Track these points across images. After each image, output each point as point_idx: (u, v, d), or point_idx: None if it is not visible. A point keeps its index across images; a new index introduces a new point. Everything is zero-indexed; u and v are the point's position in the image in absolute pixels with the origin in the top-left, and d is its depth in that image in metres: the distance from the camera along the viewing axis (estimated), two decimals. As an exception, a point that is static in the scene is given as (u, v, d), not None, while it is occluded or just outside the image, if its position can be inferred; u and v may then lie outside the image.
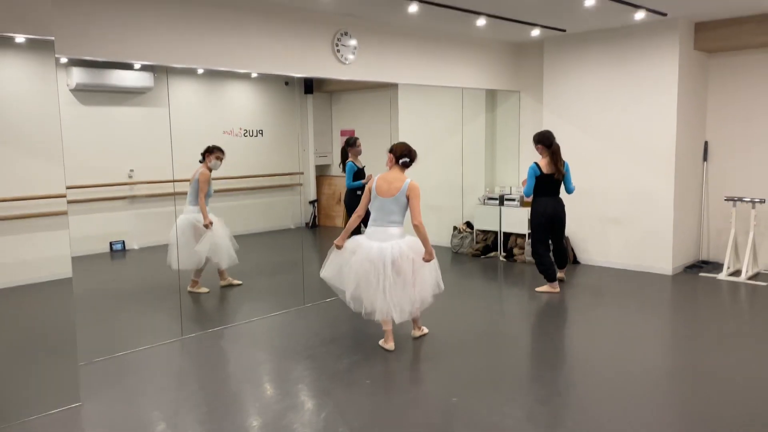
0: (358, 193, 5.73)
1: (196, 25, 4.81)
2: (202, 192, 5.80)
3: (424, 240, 4.33)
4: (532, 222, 6.11)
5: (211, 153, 5.90)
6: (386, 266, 4.29)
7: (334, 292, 6.03)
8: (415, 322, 4.76)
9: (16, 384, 3.96)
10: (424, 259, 4.35)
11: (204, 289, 6.07)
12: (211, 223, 5.82)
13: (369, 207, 4.54)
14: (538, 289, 6.16)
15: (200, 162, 5.93)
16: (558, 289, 6.08)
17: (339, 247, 4.50)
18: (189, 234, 5.83)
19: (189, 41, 4.78)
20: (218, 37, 4.96)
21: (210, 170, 5.90)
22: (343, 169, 6.61)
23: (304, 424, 3.38)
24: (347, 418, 3.47)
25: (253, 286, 6.46)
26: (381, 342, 4.59)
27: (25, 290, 5.26)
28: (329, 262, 4.56)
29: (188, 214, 5.90)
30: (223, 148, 5.98)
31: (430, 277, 4.50)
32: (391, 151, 4.53)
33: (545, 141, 5.92)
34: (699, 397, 3.72)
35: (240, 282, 6.30)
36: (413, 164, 4.57)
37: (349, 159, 6.50)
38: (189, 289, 6.04)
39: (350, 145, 6.53)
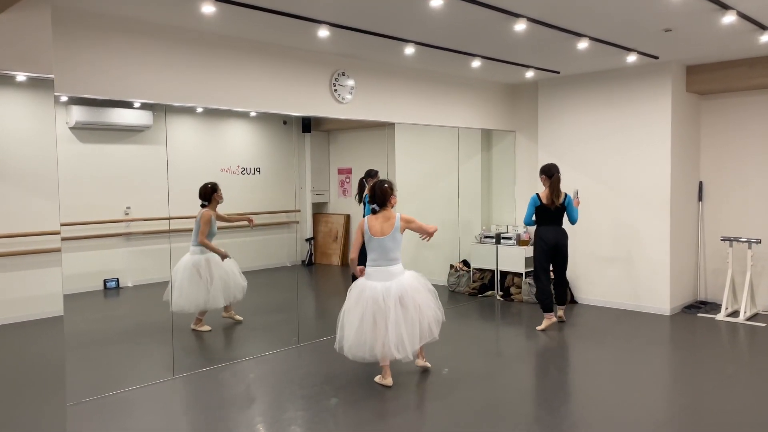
0: None
1: (194, 65, 4.88)
2: (203, 234, 5.77)
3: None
4: (534, 250, 6.30)
5: (216, 191, 5.88)
6: (395, 304, 4.35)
7: (329, 332, 5.98)
8: (420, 350, 4.77)
9: (2, 424, 3.86)
10: (428, 231, 4.56)
11: (206, 327, 5.99)
12: (227, 255, 5.80)
13: (366, 248, 4.55)
14: (538, 327, 6.15)
15: (202, 206, 5.87)
16: (554, 319, 6.16)
17: (361, 272, 4.59)
18: (191, 273, 5.77)
19: (188, 80, 4.84)
20: (217, 76, 5.02)
21: (214, 210, 5.89)
22: (359, 201, 6.57)
23: (296, 468, 3.29)
24: (340, 461, 3.38)
25: (247, 324, 6.39)
26: (378, 378, 4.54)
27: (17, 328, 5.19)
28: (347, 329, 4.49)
29: (192, 254, 5.86)
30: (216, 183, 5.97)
31: (431, 310, 4.55)
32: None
33: (547, 172, 6.20)
34: (700, 440, 3.65)
35: (241, 318, 6.23)
36: (394, 194, 4.64)
37: (367, 193, 6.47)
38: (192, 326, 5.96)
39: (371, 177, 6.48)
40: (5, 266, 5.41)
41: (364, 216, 6.40)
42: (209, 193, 5.85)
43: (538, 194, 6.18)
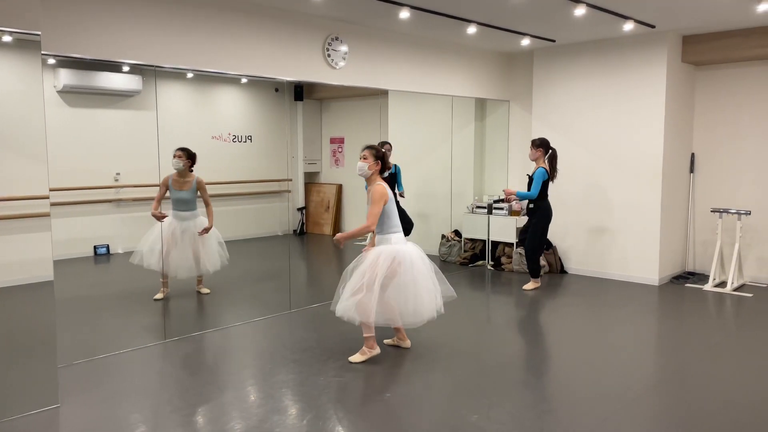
0: None
1: (186, 27, 4.79)
2: (156, 198, 5.65)
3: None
4: (544, 222, 6.40)
5: (174, 155, 5.69)
6: (417, 265, 4.32)
7: (320, 299, 5.98)
8: (399, 330, 4.63)
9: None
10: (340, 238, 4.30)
11: (159, 295, 5.84)
12: (163, 217, 5.61)
13: (389, 215, 4.34)
14: (526, 287, 6.54)
15: None
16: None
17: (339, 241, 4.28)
18: (157, 234, 5.69)
19: (179, 42, 4.75)
20: (209, 39, 4.94)
21: (177, 173, 5.73)
22: None
23: (287, 428, 3.33)
24: (331, 422, 3.42)
25: (239, 291, 6.40)
26: (367, 350, 4.41)
27: (6, 292, 5.17)
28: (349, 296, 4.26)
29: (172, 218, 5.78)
30: (187, 148, 5.77)
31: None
32: (380, 158, 4.35)
33: (547, 146, 6.33)
34: (684, 405, 3.71)
35: (208, 291, 6.06)
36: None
37: None
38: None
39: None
40: (-6, 230, 5.37)
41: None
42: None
43: (545, 168, 6.26)
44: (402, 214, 6.84)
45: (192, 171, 5.85)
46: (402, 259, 4.25)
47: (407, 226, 6.88)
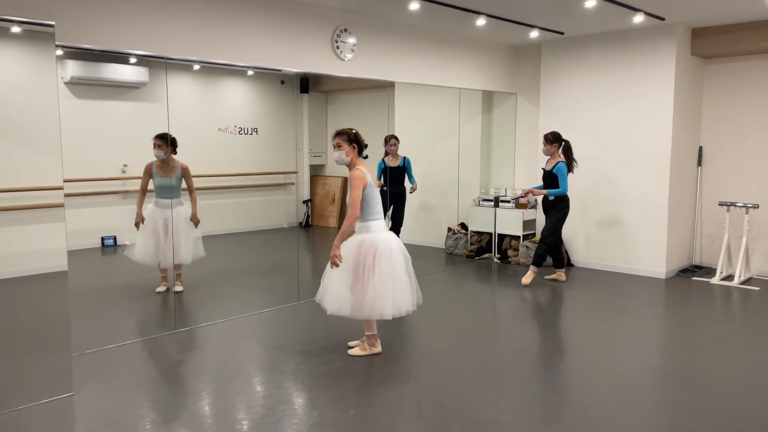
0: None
1: (194, 18, 4.79)
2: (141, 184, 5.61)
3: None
4: (564, 214, 6.36)
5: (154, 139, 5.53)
6: (401, 255, 4.21)
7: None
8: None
9: (10, 373, 3.91)
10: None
11: (162, 288, 5.82)
12: (142, 221, 5.57)
13: (368, 201, 4.16)
14: (547, 277, 6.67)
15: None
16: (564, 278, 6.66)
17: (337, 259, 4.04)
18: (148, 224, 5.69)
19: (187, 33, 4.76)
20: (217, 30, 4.94)
21: (159, 160, 5.66)
22: None
23: (296, 419, 3.35)
24: (341, 413, 3.44)
25: (246, 282, 6.42)
26: (368, 347, 4.35)
27: (20, 282, 5.21)
28: (330, 287, 4.17)
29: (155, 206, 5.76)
30: (165, 134, 5.55)
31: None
32: (354, 140, 4.19)
33: (560, 139, 6.28)
34: (690, 397, 3.73)
35: (181, 289, 5.91)
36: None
37: None
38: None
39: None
40: (9, 220, 5.39)
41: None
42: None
43: (565, 162, 6.19)
44: (396, 212, 6.88)
45: (175, 155, 5.71)
46: (382, 249, 4.08)
47: (397, 222, 6.91)
